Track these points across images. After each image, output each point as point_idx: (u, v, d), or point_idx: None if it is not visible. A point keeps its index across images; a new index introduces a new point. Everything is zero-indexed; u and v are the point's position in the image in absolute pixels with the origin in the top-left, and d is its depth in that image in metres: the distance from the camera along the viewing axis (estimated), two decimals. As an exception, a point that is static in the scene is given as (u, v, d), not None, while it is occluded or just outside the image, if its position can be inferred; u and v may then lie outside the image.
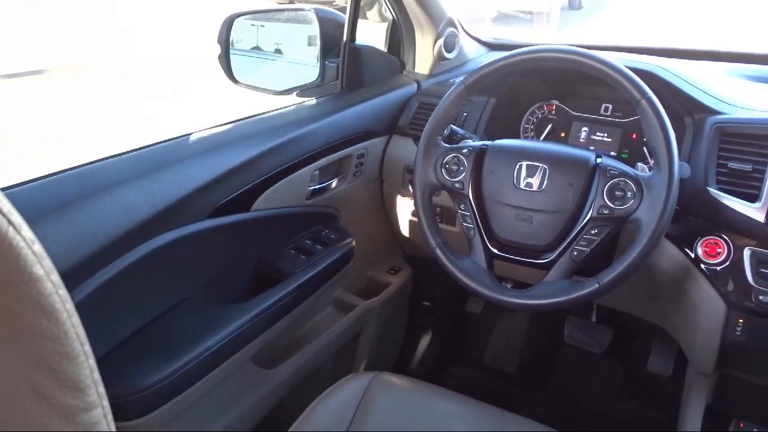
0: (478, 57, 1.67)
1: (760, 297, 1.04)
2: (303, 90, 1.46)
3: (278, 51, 1.59)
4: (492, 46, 1.71)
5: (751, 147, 1.06)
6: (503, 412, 1.10)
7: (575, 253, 1.01)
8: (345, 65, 1.46)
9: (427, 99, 1.46)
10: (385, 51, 1.60)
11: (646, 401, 1.78)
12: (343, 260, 1.37)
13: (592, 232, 1.00)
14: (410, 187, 1.42)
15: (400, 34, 1.58)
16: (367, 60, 1.48)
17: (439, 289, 1.88)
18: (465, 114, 1.37)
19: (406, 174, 1.44)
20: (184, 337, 1.05)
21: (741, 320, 1.09)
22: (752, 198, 1.03)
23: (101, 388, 0.42)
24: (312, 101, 1.42)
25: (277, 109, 1.34)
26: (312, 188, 1.32)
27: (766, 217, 1.01)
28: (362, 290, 1.67)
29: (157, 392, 0.97)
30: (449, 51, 1.58)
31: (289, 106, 1.37)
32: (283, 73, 1.56)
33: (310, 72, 1.46)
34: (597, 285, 0.98)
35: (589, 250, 1.00)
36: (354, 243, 1.41)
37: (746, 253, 1.05)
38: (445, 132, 1.16)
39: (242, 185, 1.15)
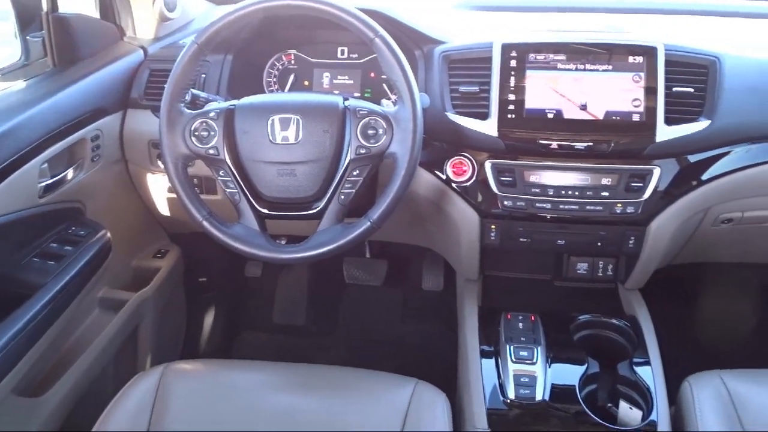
0: (205, 14, 1.58)
1: (505, 202, 1.17)
2: (5, 74, 1.25)
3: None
4: (217, 1, 1.62)
5: (475, 70, 1.16)
6: (299, 366, 1.12)
7: (342, 196, 1.03)
8: (52, 38, 1.27)
9: (158, 65, 1.34)
10: (98, 17, 1.43)
11: (427, 317, 1.94)
12: (100, 256, 1.24)
13: (354, 173, 1.03)
14: (160, 162, 1.32)
15: (111, -3, 1.42)
16: (79, 30, 1.30)
17: (213, 262, 1.81)
18: (203, 75, 1.29)
19: (152, 149, 1.33)
20: None
21: (493, 226, 1.23)
22: (483, 116, 1.14)
23: None
24: (20, 85, 1.22)
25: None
26: (44, 184, 1.15)
27: (497, 131, 1.13)
28: (130, 283, 1.53)
29: None
30: (171, 10, 1.46)
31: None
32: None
33: (11, 51, 1.26)
34: (369, 223, 1.02)
35: (354, 191, 1.03)
36: (109, 235, 1.27)
37: (488, 166, 1.17)
38: (186, 97, 1.08)
39: None
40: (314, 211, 1.05)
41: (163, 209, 1.48)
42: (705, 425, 1.01)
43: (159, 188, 1.43)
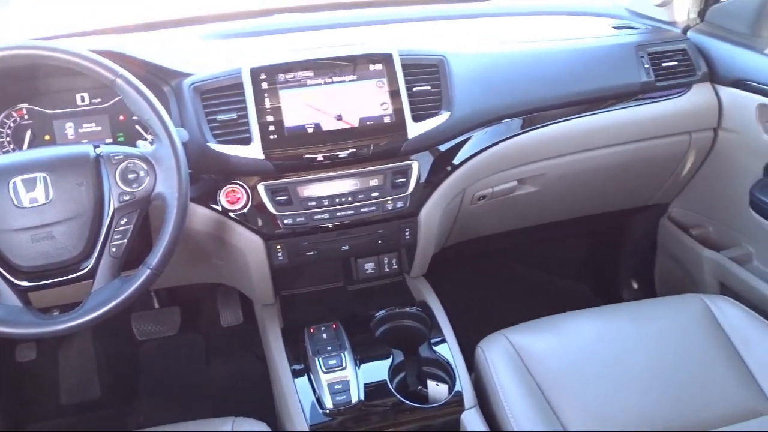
0: None
1: (285, 221, 1.19)
2: None
3: None
4: None
5: (229, 97, 1.16)
6: None
7: (113, 249, 0.97)
8: None
9: None
10: None
11: (234, 352, 1.88)
12: None
13: (122, 222, 0.97)
14: None
15: None
16: None
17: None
18: None
19: None
20: None
21: (279, 246, 1.24)
22: (247, 141, 1.15)
23: None
24: None
25: None
26: None
27: (262, 153, 1.14)
28: None
29: None
30: None
31: None
32: None
33: None
34: (149, 270, 0.97)
35: (126, 241, 0.98)
36: None
37: (261, 189, 1.17)
38: None
39: None
40: (84, 271, 0.98)
41: None
42: (501, 382, 1.13)
43: None
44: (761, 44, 1.42)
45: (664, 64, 1.45)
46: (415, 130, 1.20)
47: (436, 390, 1.17)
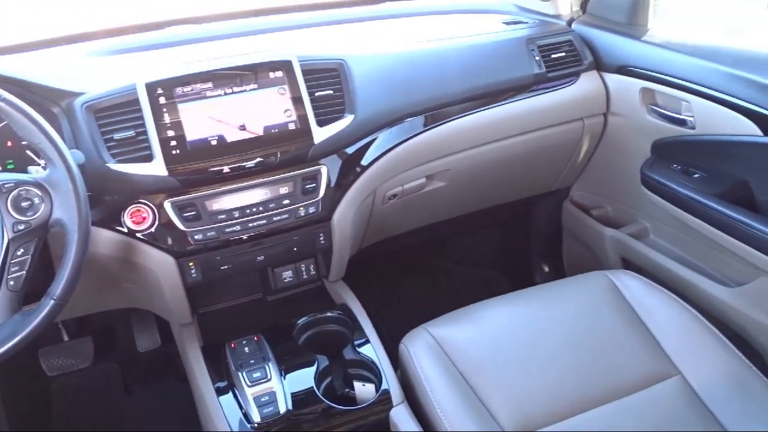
0: None
1: (196, 237, 1.16)
2: None
3: None
4: None
5: (126, 114, 1.12)
6: None
7: (11, 282, 0.92)
8: None
9: None
10: None
11: (154, 378, 1.82)
12: None
13: (19, 253, 0.92)
14: None
15: None
16: None
17: None
18: None
19: None
20: None
21: (191, 263, 1.21)
22: (148, 158, 1.11)
23: None
24: None
25: None
26: None
27: (166, 169, 1.11)
28: None
29: None
30: None
31: None
32: None
33: None
34: (52, 301, 0.93)
35: (25, 272, 0.93)
36: None
37: (167, 206, 1.14)
38: None
39: None
40: None
41: None
42: (426, 375, 1.15)
43: None
44: (639, 32, 1.52)
45: (553, 56, 1.52)
46: (320, 134, 1.20)
47: (364, 390, 1.18)
